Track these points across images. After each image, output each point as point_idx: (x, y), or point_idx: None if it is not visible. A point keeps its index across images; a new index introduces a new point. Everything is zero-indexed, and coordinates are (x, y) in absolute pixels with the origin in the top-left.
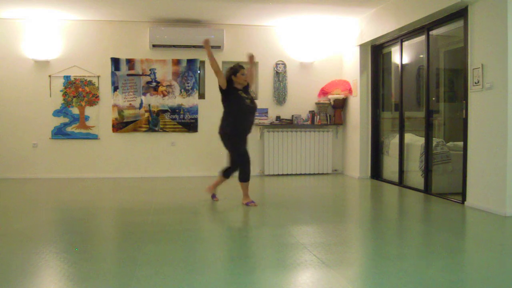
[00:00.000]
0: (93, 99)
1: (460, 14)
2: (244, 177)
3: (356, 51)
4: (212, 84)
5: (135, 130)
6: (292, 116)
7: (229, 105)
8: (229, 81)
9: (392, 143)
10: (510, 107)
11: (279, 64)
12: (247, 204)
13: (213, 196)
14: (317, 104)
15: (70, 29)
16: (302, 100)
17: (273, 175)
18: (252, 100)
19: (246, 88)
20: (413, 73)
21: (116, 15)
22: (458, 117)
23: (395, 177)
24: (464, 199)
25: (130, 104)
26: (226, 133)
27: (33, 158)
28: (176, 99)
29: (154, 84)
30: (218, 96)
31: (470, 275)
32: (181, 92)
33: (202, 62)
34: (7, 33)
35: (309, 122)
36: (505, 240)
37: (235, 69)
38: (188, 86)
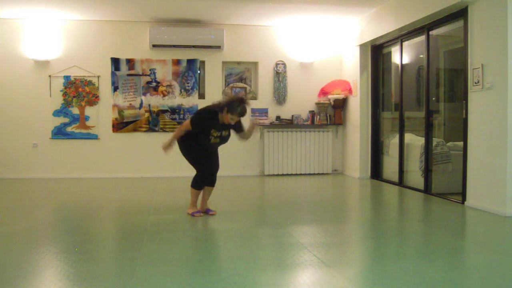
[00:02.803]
0: (93, 99)
1: (460, 14)
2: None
3: (356, 51)
4: (212, 84)
5: (135, 130)
6: (292, 116)
7: (197, 133)
8: (219, 110)
9: (392, 143)
10: (510, 107)
11: (279, 64)
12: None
13: (208, 210)
14: (317, 104)
15: (70, 29)
16: (302, 100)
17: (273, 175)
18: (222, 138)
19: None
20: (413, 73)
21: (116, 15)
22: (458, 117)
23: (395, 177)
24: (464, 199)
25: (130, 104)
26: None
27: (33, 158)
28: (176, 99)
29: (154, 84)
30: (218, 96)
31: (470, 275)
32: (181, 92)
33: (202, 62)
34: (7, 33)
35: (309, 122)
36: (505, 240)
37: (233, 107)
38: (188, 86)
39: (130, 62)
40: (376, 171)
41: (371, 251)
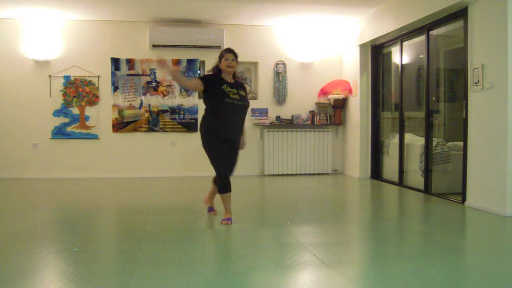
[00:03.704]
0: (93, 99)
1: (460, 14)
2: (219, 188)
3: (356, 51)
4: None
5: (135, 130)
6: (292, 116)
7: (209, 100)
8: (217, 70)
9: (392, 143)
10: (510, 107)
11: (279, 64)
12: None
13: (210, 209)
14: (317, 104)
15: (70, 29)
16: (302, 100)
17: (273, 175)
18: (242, 97)
19: (237, 84)
20: (413, 73)
21: (116, 15)
22: (458, 117)
23: (395, 177)
24: (464, 199)
25: (130, 104)
26: (202, 134)
27: (33, 158)
28: (176, 99)
29: (154, 84)
30: None
31: (470, 275)
32: (181, 92)
33: (202, 62)
34: (7, 33)
35: (309, 122)
36: (505, 240)
37: (221, 53)
38: None
39: (130, 62)
40: (376, 171)
41: (371, 251)
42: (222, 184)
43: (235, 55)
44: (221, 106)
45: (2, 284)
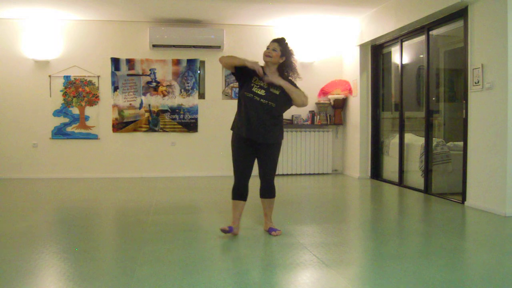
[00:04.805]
0: (93, 99)
1: (460, 14)
2: (232, 193)
3: (356, 51)
4: (212, 84)
5: (135, 130)
6: (292, 116)
7: (239, 94)
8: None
9: (392, 143)
10: (510, 107)
11: None
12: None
13: (272, 229)
14: (317, 104)
15: (70, 29)
16: None
17: None
18: (270, 95)
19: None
20: (413, 73)
21: (116, 15)
22: (458, 117)
23: (395, 177)
24: (464, 199)
25: (130, 104)
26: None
27: (33, 158)
28: (176, 99)
29: (154, 84)
30: (218, 96)
31: (470, 275)
32: (181, 92)
33: (202, 62)
34: (7, 33)
35: (309, 122)
36: (505, 240)
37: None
38: (188, 86)
39: (130, 62)
40: (376, 171)
41: (371, 251)
42: (233, 190)
43: (282, 45)
44: (241, 100)
45: (2, 284)
